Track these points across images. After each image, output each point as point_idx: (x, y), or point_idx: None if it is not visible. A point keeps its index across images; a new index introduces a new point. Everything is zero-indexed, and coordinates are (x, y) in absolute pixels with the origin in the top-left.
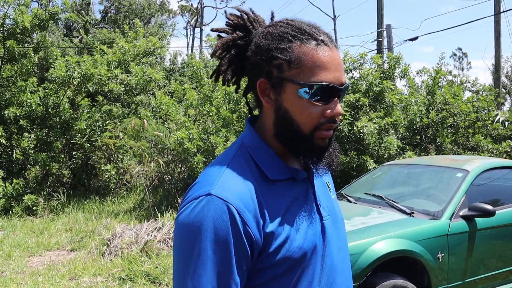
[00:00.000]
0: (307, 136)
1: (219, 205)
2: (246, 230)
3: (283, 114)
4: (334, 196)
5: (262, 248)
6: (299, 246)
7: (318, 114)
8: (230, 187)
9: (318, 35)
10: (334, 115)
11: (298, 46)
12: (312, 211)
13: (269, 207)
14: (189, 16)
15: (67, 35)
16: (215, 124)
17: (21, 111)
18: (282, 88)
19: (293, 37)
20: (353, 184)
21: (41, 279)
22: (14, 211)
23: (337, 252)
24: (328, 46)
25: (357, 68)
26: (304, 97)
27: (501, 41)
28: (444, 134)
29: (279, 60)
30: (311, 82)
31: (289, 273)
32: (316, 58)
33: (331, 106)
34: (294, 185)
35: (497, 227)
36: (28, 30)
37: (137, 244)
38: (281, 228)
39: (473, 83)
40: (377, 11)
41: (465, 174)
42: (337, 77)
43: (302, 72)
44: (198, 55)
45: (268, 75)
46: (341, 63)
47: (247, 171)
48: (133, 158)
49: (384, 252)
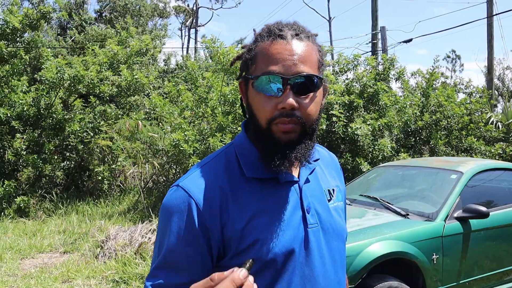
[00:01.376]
0: (265, 130)
1: (181, 195)
2: (201, 221)
3: (250, 110)
4: (336, 204)
5: (226, 246)
6: (270, 249)
7: (271, 107)
8: (196, 181)
9: (278, 31)
10: (284, 106)
11: (259, 45)
12: (295, 216)
13: (238, 205)
14: (184, 17)
15: (61, 35)
16: (210, 126)
17: (13, 112)
18: (248, 85)
19: (260, 37)
20: (348, 186)
21: (33, 282)
22: (6, 213)
23: (321, 262)
24: (284, 40)
25: (351, 70)
26: (257, 91)
27: (493, 44)
28: (438, 136)
29: (247, 61)
30: (257, 74)
31: (261, 275)
32: (267, 52)
33: (281, 98)
34: (276, 187)
35: (491, 229)
36: (19, 30)
37: (131, 246)
38: (250, 227)
39: (466, 85)
40: (371, 13)
41: (459, 176)
42: (288, 67)
43: (256, 67)
44: (194, 56)
45: (242, 76)
46: (302, 54)
47: (222, 169)
48: (128, 159)
49: (379, 253)
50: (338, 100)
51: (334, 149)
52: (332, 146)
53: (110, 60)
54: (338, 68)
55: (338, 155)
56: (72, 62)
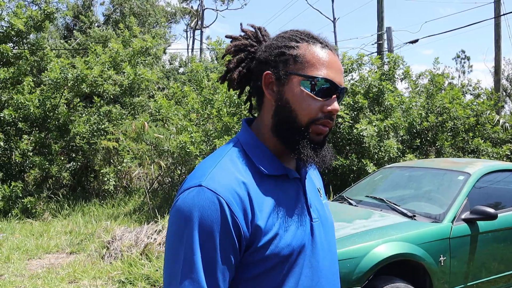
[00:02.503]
0: (303, 128)
1: (208, 196)
2: (234, 221)
3: (284, 104)
4: (325, 201)
5: (251, 241)
6: (287, 243)
7: (316, 108)
8: (220, 180)
9: (323, 41)
10: (331, 111)
11: (305, 46)
12: (303, 211)
13: (259, 202)
14: (189, 18)
15: (67, 37)
16: (215, 127)
17: (19, 114)
18: (286, 80)
19: (301, 39)
20: (354, 187)
21: (40, 282)
22: (13, 214)
23: (323, 254)
24: (331, 51)
25: (355, 69)
26: (305, 90)
27: (501, 44)
28: (444, 138)
29: (286, 56)
30: (313, 75)
31: (276, 270)
32: (320, 56)
33: (330, 102)
34: (287, 183)
35: (499, 230)
36: (24, 32)
37: (137, 247)
38: (270, 223)
39: (474, 87)
40: (377, 13)
41: (466, 177)
42: (338, 78)
43: (306, 67)
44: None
45: (275, 69)
46: (342, 68)
47: (239, 165)
48: (134, 160)
49: (386, 255)
50: (343, 100)
51: (340, 150)
52: (337, 147)
53: (112, 59)
54: (343, 68)
55: (343, 156)
56: (75, 62)
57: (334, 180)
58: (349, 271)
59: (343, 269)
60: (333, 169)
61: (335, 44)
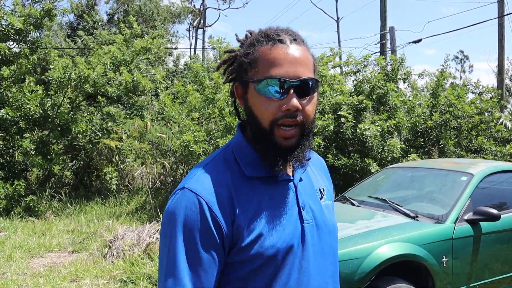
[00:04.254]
0: (267, 132)
1: (190, 197)
2: (215, 221)
3: (249, 112)
4: (327, 202)
5: (234, 241)
6: (272, 244)
7: (274, 109)
8: (203, 182)
9: (276, 36)
10: (288, 108)
11: (258, 49)
12: (293, 212)
13: (242, 203)
14: (192, 17)
15: (71, 36)
16: (217, 126)
17: (20, 113)
18: (247, 88)
19: (258, 41)
20: (357, 187)
21: (42, 281)
22: (16, 212)
23: (315, 257)
24: (284, 44)
25: (360, 70)
26: (260, 94)
27: (504, 44)
28: (447, 137)
29: (245, 64)
30: (262, 77)
31: (262, 270)
32: (269, 56)
33: (286, 100)
34: (274, 185)
35: (502, 231)
36: (23, 30)
37: (139, 246)
38: (254, 224)
39: (476, 85)
40: (380, 13)
41: (469, 178)
42: (291, 72)
43: (258, 71)
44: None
45: (239, 79)
46: (301, 58)
47: (224, 168)
48: (136, 160)
49: (388, 256)
50: (347, 100)
51: (343, 149)
52: (340, 147)
53: (113, 60)
54: (348, 69)
55: (346, 156)
56: (77, 62)
57: (337, 180)
58: (352, 271)
59: (345, 269)
60: (335, 169)
61: (339, 44)
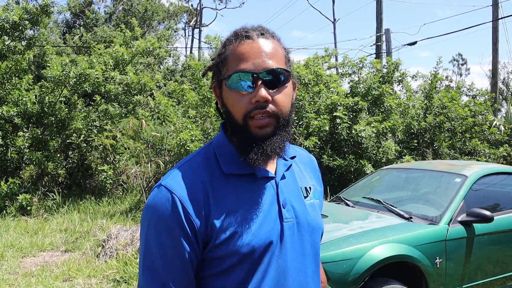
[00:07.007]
0: (242, 125)
1: (164, 194)
2: (188, 217)
3: (225, 109)
4: (312, 201)
5: (208, 238)
6: (247, 242)
7: (245, 103)
8: (178, 179)
9: (244, 33)
10: (257, 100)
11: (227, 48)
12: (272, 210)
13: (217, 200)
14: (187, 17)
15: (67, 33)
16: (213, 126)
17: (16, 110)
18: (222, 87)
19: (228, 41)
20: (351, 188)
21: (34, 280)
22: (8, 211)
23: (294, 255)
24: (250, 39)
25: (356, 72)
26: (230, 89)
27: (498, 47)
28: (441, 138)
29: (218, 65)
30: (229, 74)
31: (237, 268)
32: (236, 52)
33: (254, 92)
34: (253, 182)
35: (495, 233)
36: (19, 25)
37: (132, 245)
38: (228, 221)
39: (469, 88)
40: (376, 15)
41: (463, 180)
42: (258, 64)
43: (228, 68)
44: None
45: (216, 79)
46: (268, 50)
47: (203, 166)
48: (131, 158)
49: (382, 257)
50: (342, 101)
51: (338, 150)
52: (335, 148)
53: (114, 60)
54: (344, 71)
55: (341, 156)
56: (77, 60)
57: (332, 181)
58: (345, 272)
59: (339, 270)
60: (331, 169)
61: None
